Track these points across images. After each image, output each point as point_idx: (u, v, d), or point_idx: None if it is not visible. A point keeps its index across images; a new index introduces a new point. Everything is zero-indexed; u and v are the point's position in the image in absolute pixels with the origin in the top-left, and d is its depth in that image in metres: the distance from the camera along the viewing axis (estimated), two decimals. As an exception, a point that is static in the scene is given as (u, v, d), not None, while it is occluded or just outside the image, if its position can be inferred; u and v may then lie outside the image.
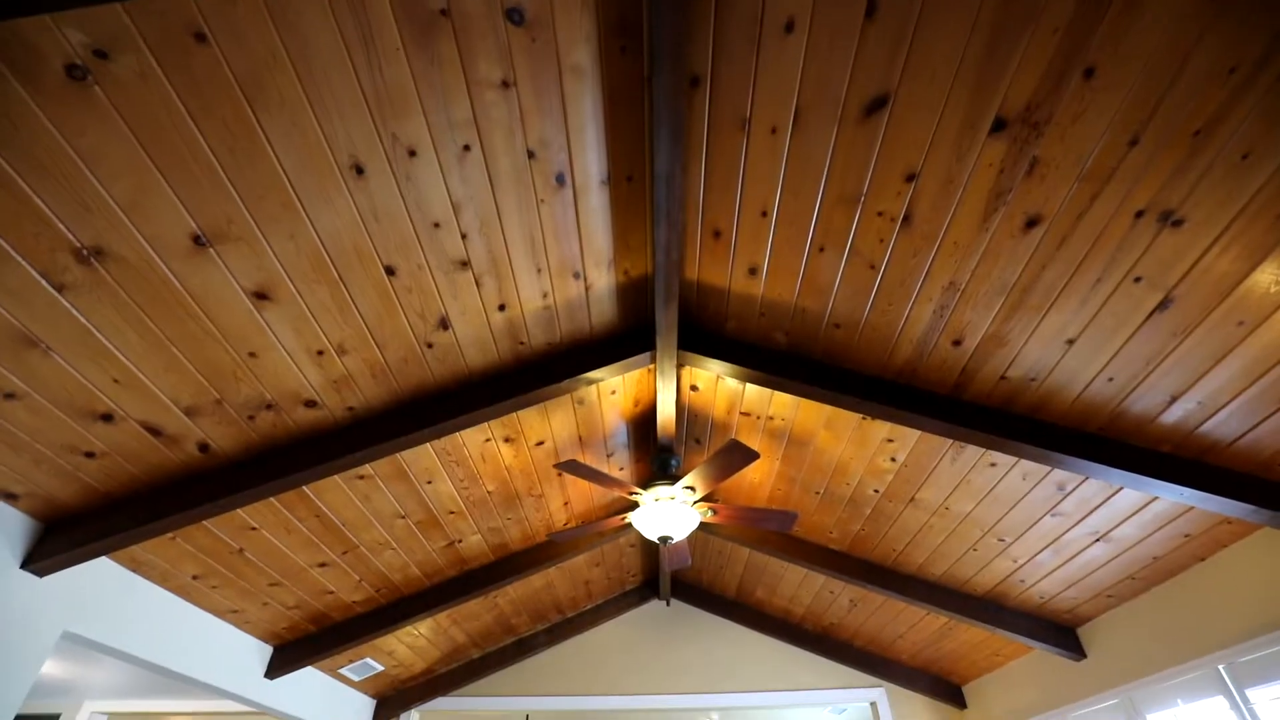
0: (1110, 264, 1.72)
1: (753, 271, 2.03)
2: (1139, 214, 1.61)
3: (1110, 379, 2.01)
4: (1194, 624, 2.69)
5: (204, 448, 2.08)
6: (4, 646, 2.04)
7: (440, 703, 4.63)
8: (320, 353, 1.93)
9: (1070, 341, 1.95)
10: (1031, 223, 1.68)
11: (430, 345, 2.05)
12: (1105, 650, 3.20)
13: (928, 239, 1.79)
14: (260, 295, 1.73)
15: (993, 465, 2.53)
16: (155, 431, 1.97)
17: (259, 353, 1.87)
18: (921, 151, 1.60)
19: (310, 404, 2.08)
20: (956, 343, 2.05)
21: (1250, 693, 2.47)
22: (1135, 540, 2.63)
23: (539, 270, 1.96)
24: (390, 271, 1.80)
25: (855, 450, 2.71)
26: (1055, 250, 1.73)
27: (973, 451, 2.50)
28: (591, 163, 1.72)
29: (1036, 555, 2.92)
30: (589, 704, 4.63)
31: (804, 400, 2.54)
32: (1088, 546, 2.76)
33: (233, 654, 3.12)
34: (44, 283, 1.53)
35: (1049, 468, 2.43)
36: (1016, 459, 2.46)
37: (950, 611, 3.38)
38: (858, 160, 1.65)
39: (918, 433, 2.51)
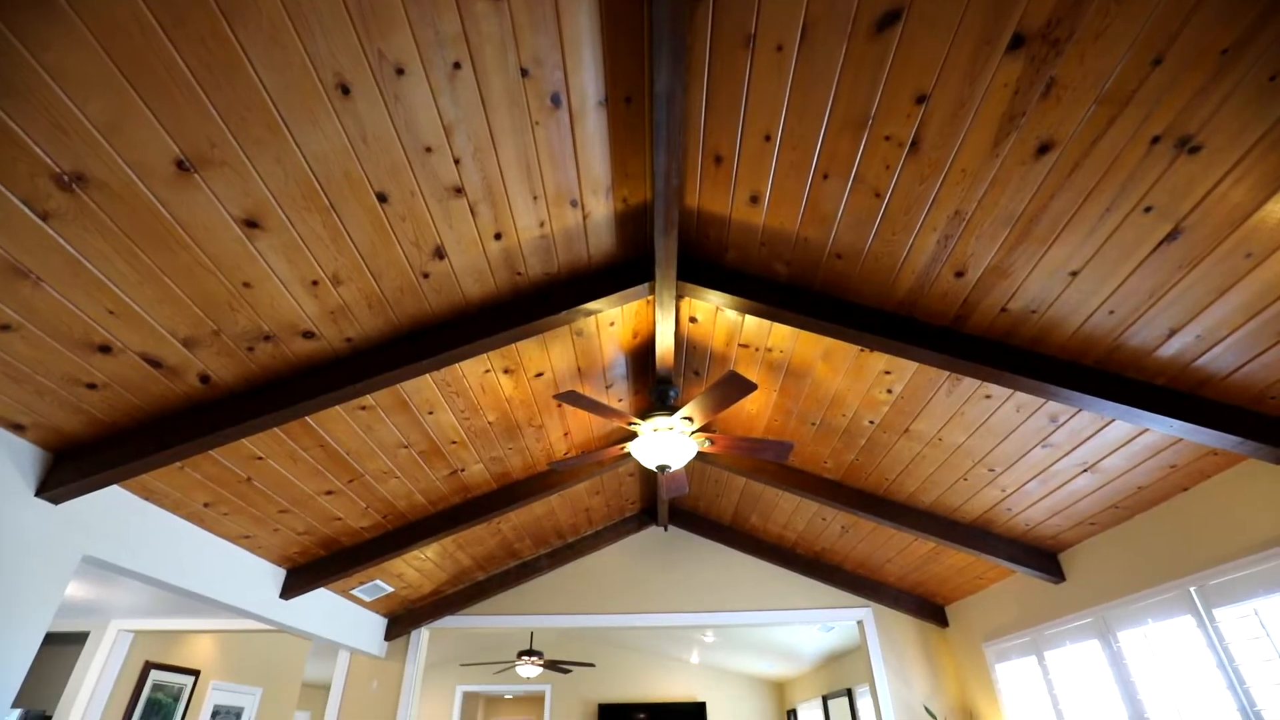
0: (1121, 193, 1.68)
1: (754, 199, 1.98)
2: (1155, 140, 1.55)
3: (1111, 312, 1.99)
4: (1171, 550, 2.80)
5: (205, 379, 2.09)
6: (28, 570, 2.12)
7: (448, 621, 4.87)
8: (315, 283, 1.91)
9: (1074, 274, 1.92)
10: (1043, 149, 1.63)
11: (426, 275, 2.03)
12: (1084, 574, 3.34)
13: (935, 166, 1.74)
14: (250, 223, 1.69)
15: (988, 398, 2.55)
16: (155, 363, 1.97)
17: (253, 283, 1.84)
18: (934, 71, 1.53)
19: (308, 335, 2.07)
20: (959, 274, 2.02)
21: (1217, 612, 2.60)
22: (1122, 471, 2.70)
23: (535, 198, 1.91)
24: (382, 199, 1.75)
25: (852, 382, 2.73)
26: (1066, 178, 1.68)
27: (969, 384, 2.52)
28: (588, 82, 1.65)
29: (1025, 485, 3.00)
30: (590, 622, 4.88)
31: (803, 332, 2.54)
32: (1075, 477, 2.83)
33: (248, 576, 3.25)
34: (27, 210, 1.49)
35: (1043, 400, 2.45)
36: (1012, 391, 2.48)
37: (938, 538, 3.50)
38: (866, 80, 1.58)
39: (915, 365, 2.53)
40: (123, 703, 5.03)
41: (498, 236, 1.99)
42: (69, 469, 2.17)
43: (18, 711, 4.65)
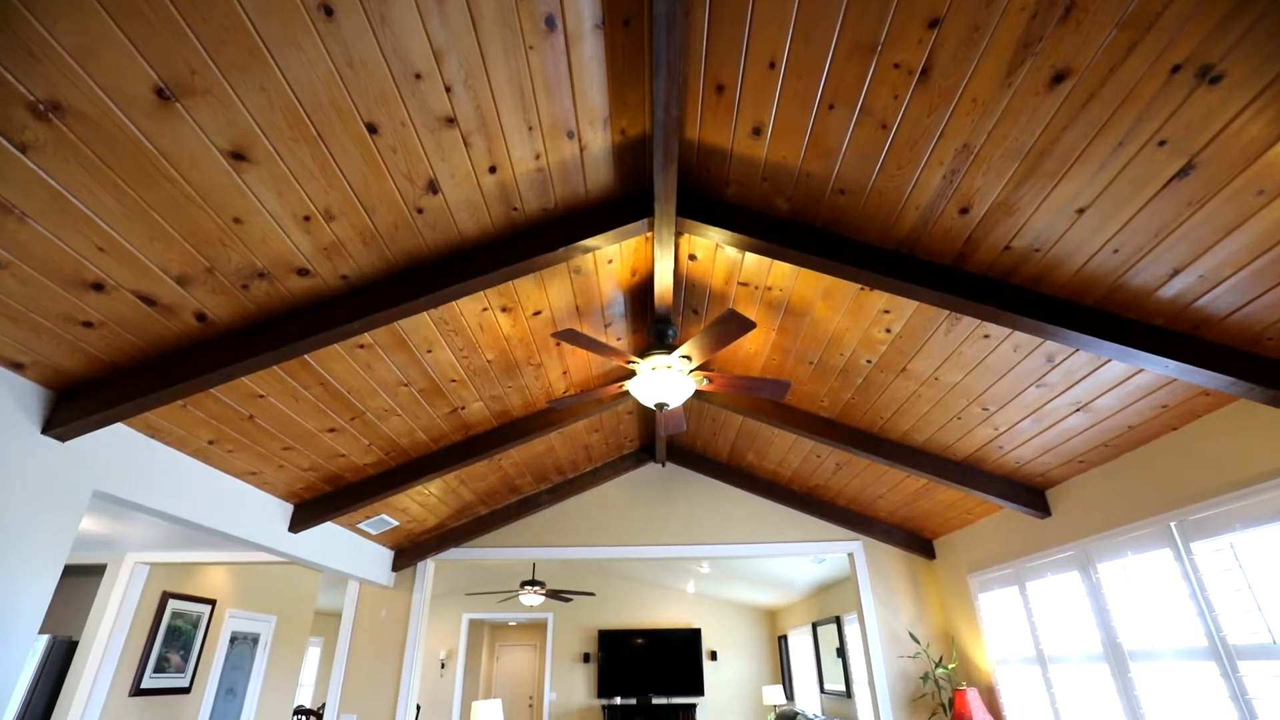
0: (1136, 125, 1.63)
1: (757, 131, 1.92)
2: (1175, 69, 1.49)
3: (1115, 250, 1.97)
4: (1155, 487, 2.87)
5: (201, 317, 2.08)
6: (42, 505, 2.17)
7: (453, 553, 5.04)
8: (307, 218, 1.87)
9: (1080, 211, 1.89)
10: (1058, 78, 1.56)
11: (420, 210, 1.98)
12: (1069, 509, 3.44)
13: (945, 95, 1.67)
14: (237, 155, 1.64)
15: (986, 337, 2.55)
16: (150, 301, 1.95)
17: (244, 218, 1.81)
18: (949, -8, 1.45)
19: (303, 272, 2.05)
20: (964, 210, 1.99)
21: (1194, 545, 2.69)
22: (1114, 410, 2.73)
23: (530, 129, 1.85)
24: (372, 129, 1.69)
25: (851, 321, 2.73)
26: (1080, 109, 1.62)
27: (968, 323, 2.52)
28: (584, 3, 1.56)
29: (1017, 424, 3.05)
30: (589, 554, 5.05)
31: (803, 270, 2.52)
32: (1068, 416, 2.86)
33: (256, 511, 3.34)
34: (5, 142, 1.44)
35: (1041, 340, 2.45)
36: (1010, 331, 2.48)
37: (930, 474, 3.58)
38: (877, 1, 1.50)
39: (914, 304, 2.52)
40: (145, 629, 5.26)
41: (492, 170, 1.94)
42: (72, 407, 2.19)
43: (45, 638, 4.87)
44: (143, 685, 5.19)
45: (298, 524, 3.62)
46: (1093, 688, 3.29)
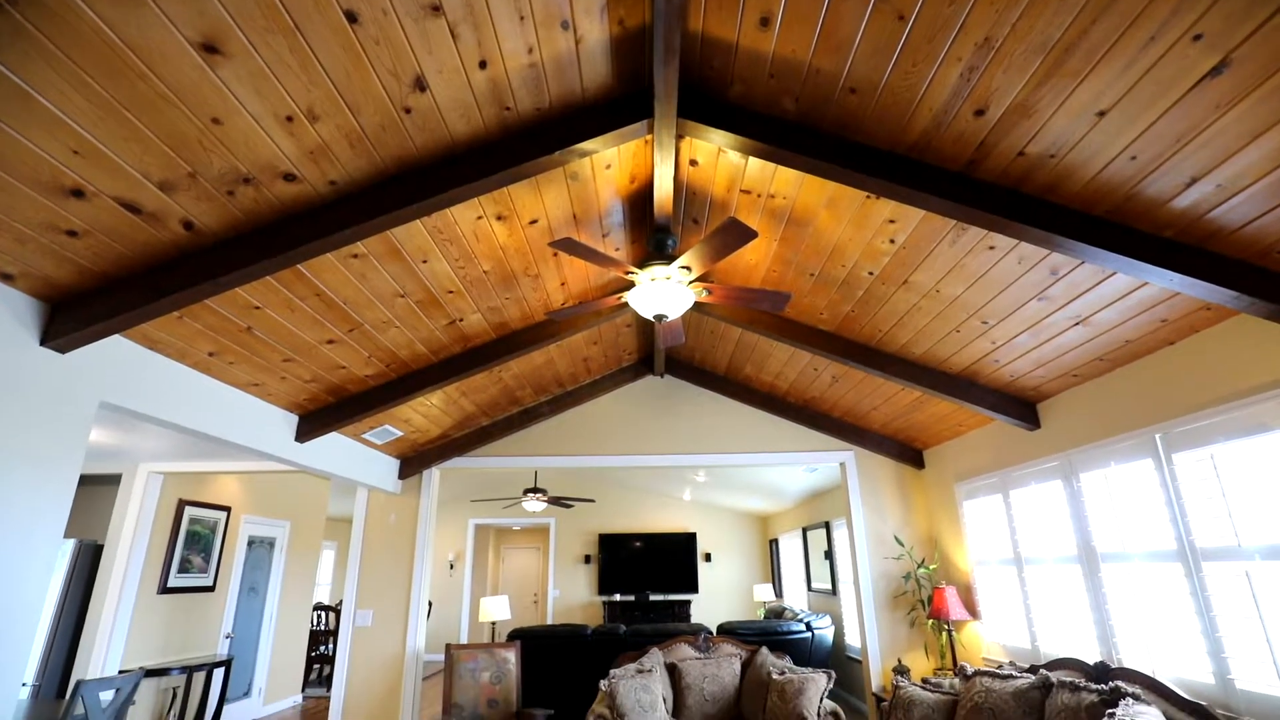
0: (1171, 17, 1.52)
1: (764, 22, 1.79)
2: (1222, -51, 1.37)
3: (1133, 157, 1.89)
4: (1144, 400, 2.91)
5: (188, 225, 2.02)
6: (51, 415, 2.21)
7: (457, 462, 5.19)
8: (290, 118, 1.78)
9: (1101, 113, 1.80)
10: (1094, -40, 1.44)
11: (408, 110, 1.88)
12: (1058, 421, 3.51)
13: (969, -18, 1.55)
14: (209, 48, 1.53)
15: (991, 248, 2.51)
16: (133, 209, 1.89)
17: (223, 119, 1.72)
18: None
19: (289, 177, 1.97)
20: (979, 112, 1.89)
21: (1176, 456, 2.77)
22: (1113, 324, 2.73)
23: (522, 18, 1.72)
24: (352, 18, 1.57)
25: (855, 231, 2.67)
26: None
27: (974, 234, 2.47)
28: None
29: (1015, 337, 3.05)
30: (589, 462, 5.21)
31: (808, 177, 2.43)
32: (1066, 330, 2.86)
33: (262, 421, 3.40)
34: (-43, 28, 1.34)
35: (1047, 252, 2.41)
36: (1017, 242, 2.43)
37: (925, 387, 3.62)
38: None
39: (920, 214, 2.45)
40: (166, 534, 5.51)
41: (482, 65, 1.83)
42: (67, 319, 2.18)
43: (72, 542, 5.10)
44: (169, 584, 5.50)
45: (304, 434, 3.70)
46: (1064, 586, 3.49)
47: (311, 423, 3.71)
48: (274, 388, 3.29)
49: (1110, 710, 2.49)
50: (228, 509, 6.21)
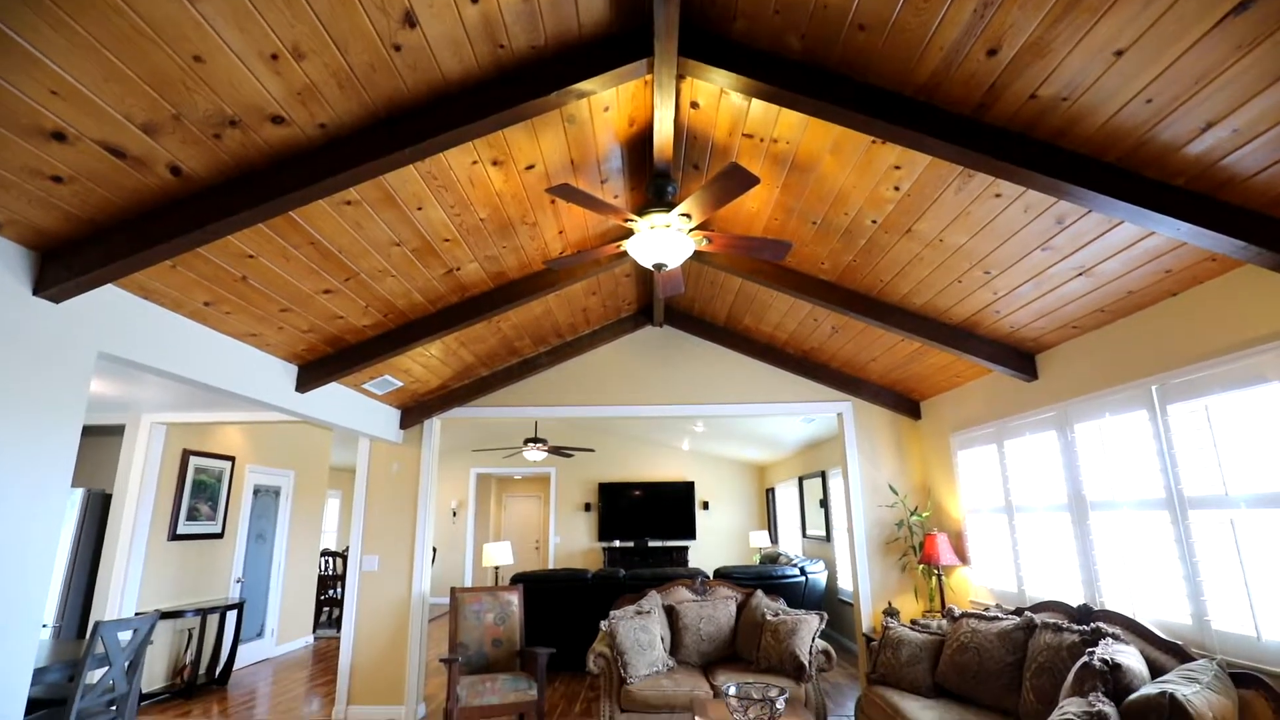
0: (1199, -54, 1.44)
1: (770, -45, 1.70)
2: None
3: (1149, 100, 1.83)
4: (1144, 352, 2.91)
5: (176, 171, 1.97)
6: (49, 365, 2.21)
7: (457, 412, 5.23)
8: (275, 56, 1.71)
9: (1119, 53, 1.73)
10: (1121, -117, 1.36)
11: (398, 48, 1.81)
12: (1056, 373, 3.52)
13: (988, -92, 1.46)
14: (186, -21, 1.46)
15: (997, 196, 2.46)
16: (118, 153, 1.84)
17: (205, 57, 1.65)
18: None
19: (277, 120, 1.91)
20: (991, 52, 1.82)
21: (1171, 407, 2.79)
22: (1117, 275, 2.70)
23: (515, -51, 1.64)
24: (335, -53, 1.49)
25: (859, 178, 2.61)
26: (1139, -75, 1.43)
27: (980, 181, 2.41)
28: None
29: (1018, 288, 3.03)
30: (588, 413, 5.25)
31: (812, 121, 2.36)
32: (1069, 280, 2.84)
33: (261, 371, 3.40)
34: (-82, -45, 1.27)
35: (1054, 200, 2.37)
36: (1024, 190, 2.38)
37: (924, 338, 3.62)
38: None
39: (926, 160, 2.39)
40: (172, 483, 5.59)
41: None
42: (59, 268, 2.15)
43: (81, 490, 5.18)
44: (179, 531, 5.62)
45: (304, 384, 3.71)
46: (1052, 533, 3.57)
47: (311, 373, 3.72)
48: (272, 338, 3.28)
49: (1090, 649, 2.59)
50: (232, 459, 6.30)
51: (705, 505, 10.63)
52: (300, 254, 2.63)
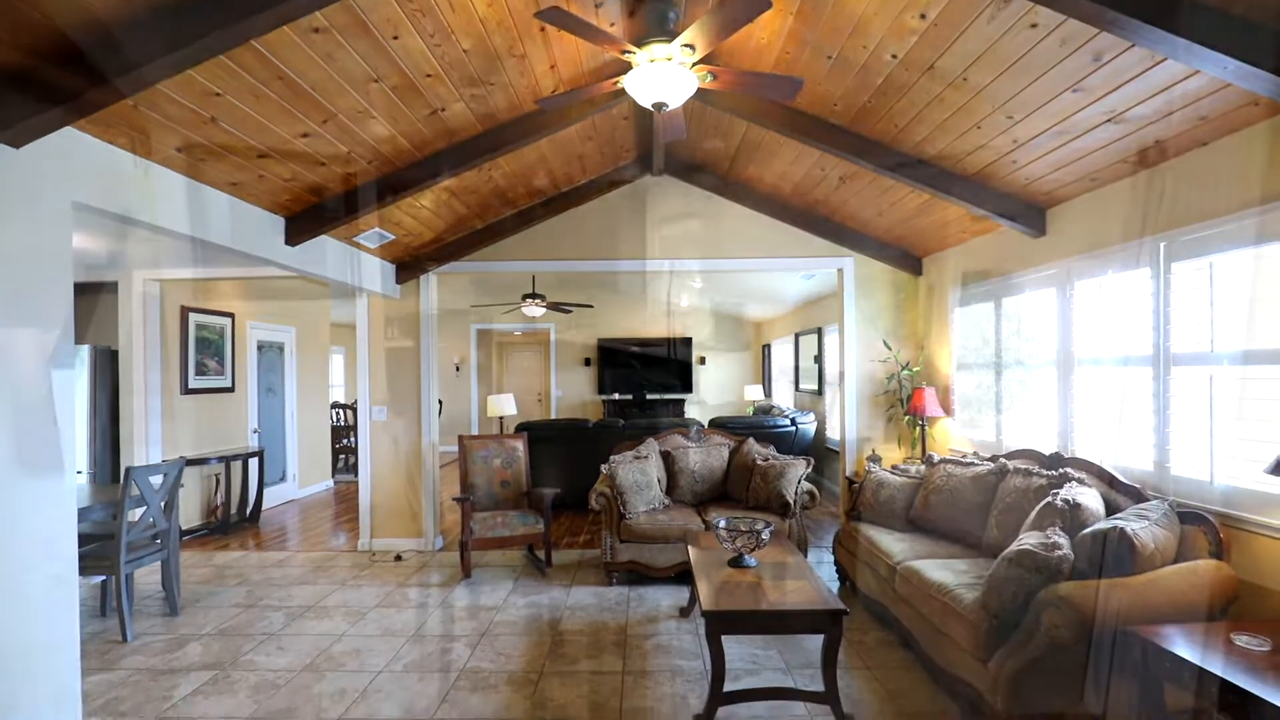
0: None
1: None
2: None
3: (1227, -100, 1.59)
4: (1155, 207, 2.80)
5: (116, -14, 1.75)
6: (21, 214, 2.13)
7: (453, 266, 5.17)
8: None
9: None
10: None
11: None
12: (1065, 228, 3.43)
13: None
14: None
15: (1033, 26, 2.22)
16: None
17: None
18: None
19: (221, -77, 1.66)
20: None
21: (1175, 265, 2.74)
22: (1148, 121, 2.52)
23: None
24: None
25: (882, 3, 2.35)
26: None
27: (1016, 8, 2.17)
28: None
29: (1039, 135, 2.85)
30: (585, 267, 5.19)
31: (835, -68, 2.07)
32: (1096, 127, 2.66)
33: (247, 223, 3.30)
34: None
35: (1095, 32, 2.14)
36: (1063, 19, 2.14)
37: (935, 189, 3.48)
38: None
39: (961, -19, 2.13)
40: (175, 339, 5.66)
41: None
42: (10, 107, 1.99)
43: (87, 347, 5.24)
44: (190, 386, 5.78)
45: (293, 237, 3.62)
46: (1037, 387, 3.68)
47: (299, 225, 3.61)
48: (253, 187, 3.14)
49: (1055, 490, 2.77)
50: (231, 315, 6.32)
51: (702, 360, 10.90)
52: (270, 91, 2.43)
